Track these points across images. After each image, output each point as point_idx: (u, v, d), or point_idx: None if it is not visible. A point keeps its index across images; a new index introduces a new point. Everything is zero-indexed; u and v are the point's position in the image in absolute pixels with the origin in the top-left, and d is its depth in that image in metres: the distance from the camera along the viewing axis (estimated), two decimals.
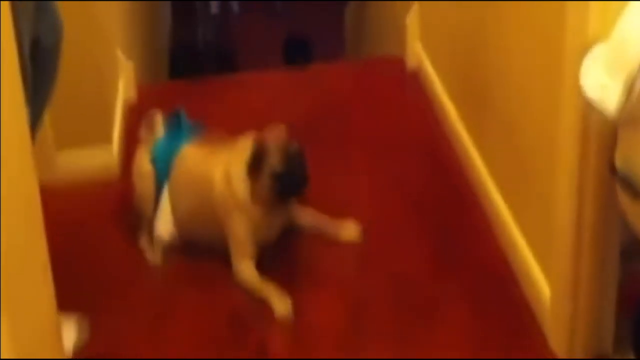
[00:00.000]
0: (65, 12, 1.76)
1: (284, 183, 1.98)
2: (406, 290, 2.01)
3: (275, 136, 2.01)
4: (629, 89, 1.35)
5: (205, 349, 1.88)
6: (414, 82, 2.85)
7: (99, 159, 2.42)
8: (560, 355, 1.79)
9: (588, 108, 1.50)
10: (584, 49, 1.49)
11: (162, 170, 2.11)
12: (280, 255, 2.11)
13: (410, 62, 2.94)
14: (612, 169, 1.52)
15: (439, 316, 1.93)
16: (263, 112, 2.65)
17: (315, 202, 2.17)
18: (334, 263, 2.11)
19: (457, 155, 2.45)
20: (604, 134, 1.55)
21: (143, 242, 2.14)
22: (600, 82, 1.43)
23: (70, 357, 1.72)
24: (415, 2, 2.90)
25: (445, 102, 2.60)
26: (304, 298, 1.98)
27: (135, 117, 2.42)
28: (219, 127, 2.23)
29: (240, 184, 2.00)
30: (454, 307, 1.95)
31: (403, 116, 2.72)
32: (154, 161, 2.12)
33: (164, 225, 2.11)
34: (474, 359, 1.81)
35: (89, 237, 2.21)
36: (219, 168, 2.04)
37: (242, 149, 2.03)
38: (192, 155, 2.12)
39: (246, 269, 2.02)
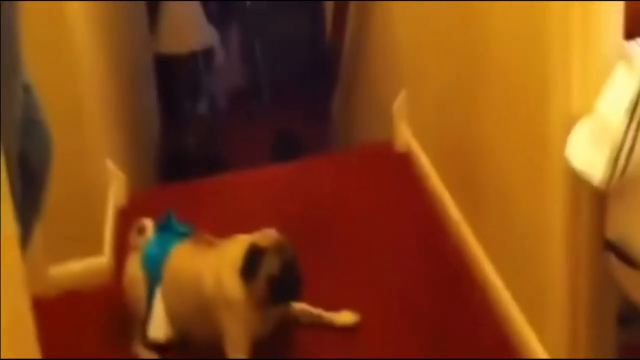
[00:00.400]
0: (53, 124, 1.75)
1: (280, 287, 1.97)
2: None
3: (270, 239, 2.01)
4: (614, 163, 1.36)
5: None
6: (404, 167, 2.86)
7: (90, 269, 2.41)
8: None
9: (576, 180, 1.50)
10: (569, 124, 1.51)
11: (154, 273, 2.11)
12: (276, 348, 2.08)
13: (399, 147, 2.97)
14: (606, 240, 1.52)
15: None
16: (253, 212, 2.65)
17: (308, 298, 2.14)
18: (330, 354, 2.07)
19: (450, 237, 2.44)
20: (593, 204, 1.55)
21: (137, 346, 2.11)
22: (586, 156, 1.45)
23: None
24: (403, 87, 2.96)
25: (437, 184, 2.61)
26: None
27: (126, 224, 2.41)
28: (209, 228, 2.23)
29: (233, 287, 1.99)
30: None
31: (395, 203, 2.72)
32: (145, 264, 2.12)
33: (158, 327, 2.09)
34: None
35: (83, 346, 2.18)
36: (210, 269, 2.04)
37: (233, 250, 2.02)
38: (183, 257, 2.12)
39: None
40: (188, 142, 5.00)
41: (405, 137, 2.94)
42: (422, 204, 2.65)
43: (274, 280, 1.96)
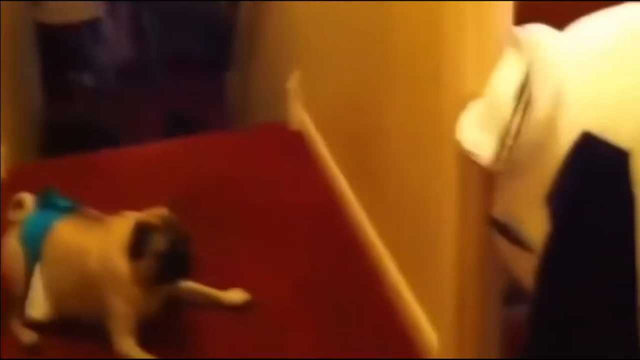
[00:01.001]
0: None
1: (169, 264, 1.92)
2: None
3: (159, 216, 1.95)
4: (501, 145, 1.39)
5: None
6: (298, 147, 2.86)
7: None
8: None
9: (467, 161, 1.53)
10: (461, 107, 1.53)
11: (33, 249, 2.02)
12: (163, 328, 2.03)
13: (294, 126, 2.96)
14: (492, 219, 1.56)
15: None
16: (143, 189, 2.58)
17: (200, 277, 2.10)
18: (221, 334, 2.05)
19: (345, 216, 2.45)
20: (483, 185, 1.59)
21: (15, 325, 2.02)
22: (476, 137, 1.48)
23: None
24: (298, 67, 2.94)
25: (331, 164, 2.62)
26: None
27: (5, 198, 2.30)
28: (95, 205, 2.16)
29: (120, 264, 1.93)
30: None
31: (288, 182, 2.71)
32: (24, 240, 2.03)
33: (37, 304, 2.01)
34: None
35: None
36: (95, 246, 1.98)
37: (120, 227, 1.96)
38: (65, 233, 2.04)
39: (127, 345, 1.94)
40: (72, 115, 4.83)
41: (300, 117, 2.94)
42: (316, 184, 2.65)
43: (162, 259, 1.91)
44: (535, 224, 1.40)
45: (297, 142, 2.88)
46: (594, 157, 1.34)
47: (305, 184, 2.67)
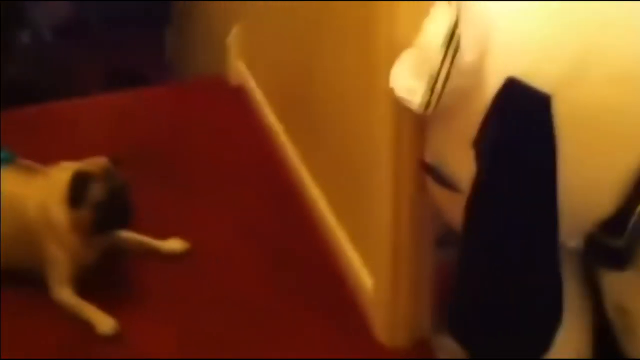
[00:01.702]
0: None
1: (106, 214, 1.94)
2: (237, 307, 2.00)
3: (97, 166, 1.96)
4: (431, 91, 1.44)
5: None
6: (238, 100, 2.86)
7: None
8: (384, 341, 1.86)
9: (399, 108, 1.57)
10: (394, 55, 1.57)
11: None
12: (101, 277, 2.04)
13: (233, 81, 2.96)
14: (423, 163, 1.61)
15: (270, 327, 1.94)
16: (83, 143, 2.56)
17: (141, 228, 2.12)
18: (161, 283, 2.07)
19: (284, 168, 2.48)
20: (415, 131, 1.64)
21: None
22: (407, 84, 1.52)
23: None
24: (237, 21, 2.94)
25: (270, 117, 2.64)
26: (130, 320, 1.93)
27: None
28: (35, 158, 2.15)
29: (58, 213, 1.94)
30: (285, 319, 1.97)
31: (229, 134, 2.72)
32: None
33: None
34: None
35: None
36: (34, 195, 1.98)
37: (59, 177, 1.97)
38: (4, 182, 2.03)
39: (64, 294, 1.96)
40: (10, 74, 4.72)
41: (239, 71, 2.94)
42: (256, 136, 2.67)
43: (101, 208, 1.92)
44: (463, 166, 1.46)
45: (237, 96, 2.89)
46: (518, 101, 1.39)
47: (245, 136, 2.69)
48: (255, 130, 2.69)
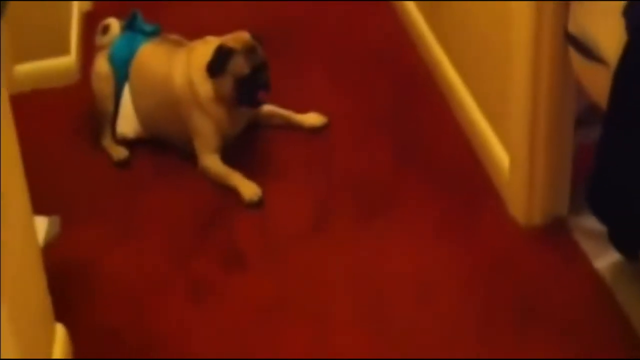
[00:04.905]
0: None
1: (247, 87, 1.98)
2: (369, 179, 2.03)
3: (240, 40, 2.00)
4: None
5: (175, 246, 1.89)
6: None
7: (58, 69, 2.40)
8: (520, 220, 1.84)
9: None
10: None
11: (121, 70, 2.11)
12: (245, 148, 2.12)
13: None
14: (566, 34, 1.52)
15: (399, 202, 1.95)
16: (221, 23, 2.59)
17: (278, 101, 2.17)
18: (299, 156, 2.13)
19: (414, 44, 2.44)
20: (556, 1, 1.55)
21: (106, 141, 2.14)
22: None
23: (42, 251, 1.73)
24: None
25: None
26: (269, 189, 2.00)
27: (92, 26, 2.38)
28: (178, 33, 2.21)
29: (202, 84, 2.01)
30: (414, 192, 1.98)
31: (367, 19, 2.67)
32: (112, 62, 2.12)
33: (127, 122, 2.12)
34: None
35: (54, 143, 2.21)
36: (180, 67, 2.05)
37: (204, 49, 2.02)
38: (151, 54, 2.12)
39: (212, 161, 2.04)
40: None
41: None
42: (386, 13, 2.61)
43: (242, 80, 1.97)
44: (610, 37, 1.37)
45: None
46: None
47: (376, 14, 2.64)
48: (385, 9, 2.63)
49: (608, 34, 1.39)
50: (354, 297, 1.73)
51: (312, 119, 2.19)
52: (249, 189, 1.98)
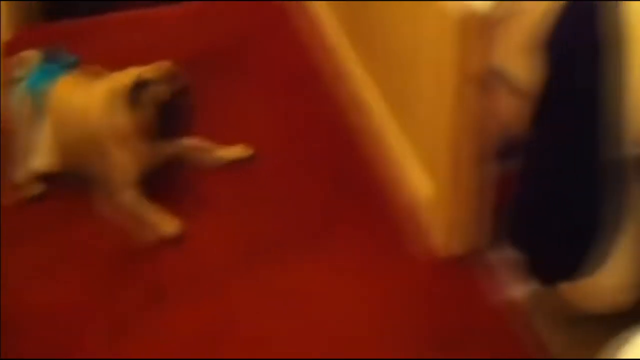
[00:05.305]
0: None
1: (168, 113, 1.95)
2: (297, 213, 2.02)
3: (161, 69, 1.98)
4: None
5: (97, 283, 1.84)
6: (300, 10, 2.83)
7: None
8: (440, 251, 1.86)
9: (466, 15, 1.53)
10: None
11: (38, 103, 2.06)
12: (167, 182, 2.08)
13: None
14: (490, 68, 1.57)
15: (327, 235, 1.96)
16: (148, 51, 2.57)
17: (203, 134, 2.14)
18: (223, 189, 2.10)
19: (345, 75, 2.44)
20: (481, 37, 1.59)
21: (20, 176, 2.08)
22: None
23: None
24: None
25: (330, 24, 2.59)
26: (193, 224, 1.97)
27: (11, 56, 2.31)
28: (100, 65, 2.17)
29: (122, 116, 1.97)
30: (343, 227, 1.98)
31: (291, 47, 2.70)
32: (29, 94, 2.07)
33: (42, 156, 2.07)
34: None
35: None
36: (99, 99, 2.00)
37: (124, 80, 1.99)
38: (70, 87, 2.08)
39: (129, 195, 2.00)
40: None
41: None
42: (316, 43, 2.64)
43: (163, 109, 1.94)
44: (525, 70, 1.42)
45: (299, 6, 2.85)
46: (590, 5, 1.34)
47: (304, 44, 2.66)
48: (314, 36, 2.65)
49: (521, 67, 1.44)
50: (282, 331, 1.71)
51: (237, 152, 2.17)
52: (168, 224, 1.94)
